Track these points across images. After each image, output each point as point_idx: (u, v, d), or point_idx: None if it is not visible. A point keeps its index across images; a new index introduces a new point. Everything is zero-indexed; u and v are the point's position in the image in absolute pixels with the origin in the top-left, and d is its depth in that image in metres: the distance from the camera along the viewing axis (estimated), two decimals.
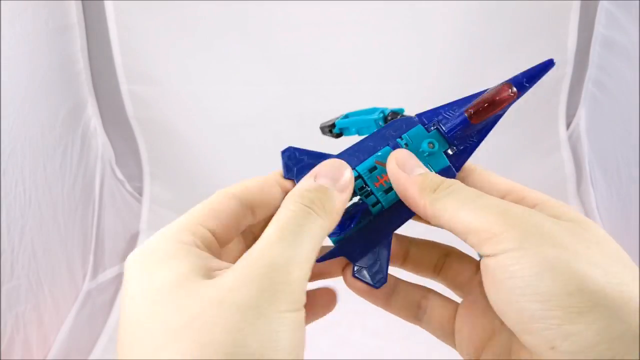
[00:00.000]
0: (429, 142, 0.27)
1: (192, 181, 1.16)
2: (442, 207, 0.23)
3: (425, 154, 0.26)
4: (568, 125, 1.13)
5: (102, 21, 1.00)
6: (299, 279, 0.20)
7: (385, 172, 0.26)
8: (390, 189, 0.26)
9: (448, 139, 0.27)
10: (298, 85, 1.05)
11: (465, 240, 0.22)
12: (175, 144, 1.12)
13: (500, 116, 0.27)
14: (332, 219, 0.23)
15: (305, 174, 0.25)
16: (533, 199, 0.24)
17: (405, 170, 0.25)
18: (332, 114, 1.18)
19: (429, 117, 0.28)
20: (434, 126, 0.27)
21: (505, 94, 0.27)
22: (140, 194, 1.17)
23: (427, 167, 0.26)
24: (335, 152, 0.28)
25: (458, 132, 0.27)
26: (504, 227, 0.21)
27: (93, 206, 1.05)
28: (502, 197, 0.24)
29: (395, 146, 0.27)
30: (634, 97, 0.89)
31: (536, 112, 1.10)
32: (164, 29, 1.00)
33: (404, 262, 0.29)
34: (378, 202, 0.26)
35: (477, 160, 0.26)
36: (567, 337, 0.18)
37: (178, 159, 1.14)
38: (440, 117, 0.27)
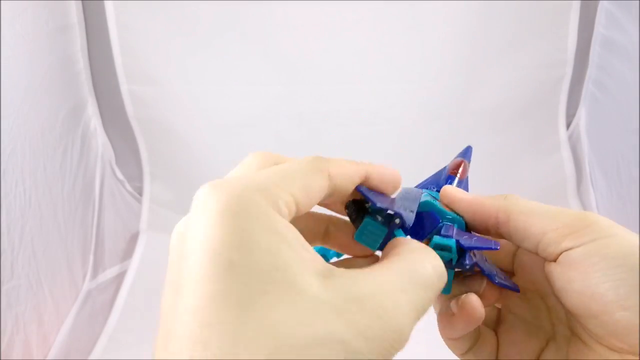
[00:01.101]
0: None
1: (192, 181, 1.16)
2: (519, 208, 0.24)
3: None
4: (568, 125, 1.13)
5: (102, 21, 0.99)
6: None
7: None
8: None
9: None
10: (298, 85, 1.05)
11: (535, 242, 0.23)
12: (175, 144, 1.12)
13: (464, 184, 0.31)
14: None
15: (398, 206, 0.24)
16: None
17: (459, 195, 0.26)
18: (332, 114, 1.19)
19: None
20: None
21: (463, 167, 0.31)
22: (140, 194, 1.17)
23: None
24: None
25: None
26: (581, 224, 0.22)
27: (93, 206, 1.05)
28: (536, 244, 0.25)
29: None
30: (634, 97, 0.89)
31: (536, 112, 1.10)
32: (164, 29, 1.00)
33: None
34: None
35: (478, 160, 0.26)
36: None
37: (178, 159, 1.14)
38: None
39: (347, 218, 0.25)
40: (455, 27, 1.00)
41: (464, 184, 0.30)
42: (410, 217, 0.23)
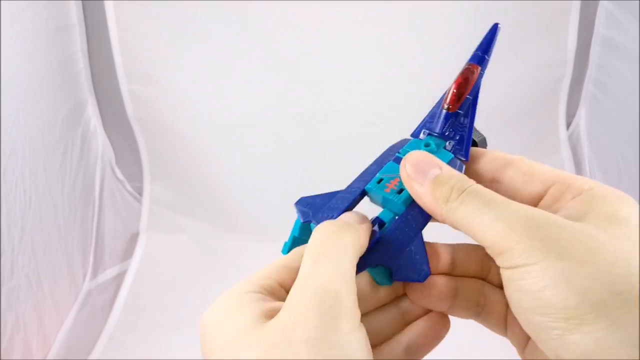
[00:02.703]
0: (425, 144, 0.27)
1: (192, 181, 1.16)
2: (457, 219, 0.23)
3: None
4: (568, 125, 1.13)
5: (102, 21, 0.99)
6: (348, 295, 0.20)
7: (393, 179, 0.26)
8: (402, 189, 0.26)
9: (441, 135, 0.28)
10: (298, 85, 1.05)
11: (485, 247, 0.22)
12: (175, 144, 1.12)
13: (477, 94, 0.28)
14: (363, 230, 0.24)
15: (321, 213, 0.26)
16: (579, 187, 0.23)
17: (420, 175, 0.24)
18: (332, 114, 1.19)
19: (418, 131, 0.29)
20: (424, 133, 0.28)
21: (468, 73, 0.29)
22: (140, 194, 1.17)
23: None
24: (343, 180, 0.28)
25: (447, 126, 0.27)
26: (513, 241, 0.20)
27: (93, 206, 1.05)
28: (547, 189, 0.24)
29: (397, 160, 0.27)
30: (634, 97, 0.89)
31: (536, 112, 1.10)
32: (164, 29, 1.00)
33: (452, 270, 0.27)
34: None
35: None
36: (568, 347, 0.19)
37: (178, 159, 1.14)
38: (426, 125, 0.29)
39: None
40: (455, 27, 1.00)
41: (465, 112, 0.27)
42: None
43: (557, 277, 0.19)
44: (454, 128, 0.27)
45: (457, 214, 0.22)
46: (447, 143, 0.27)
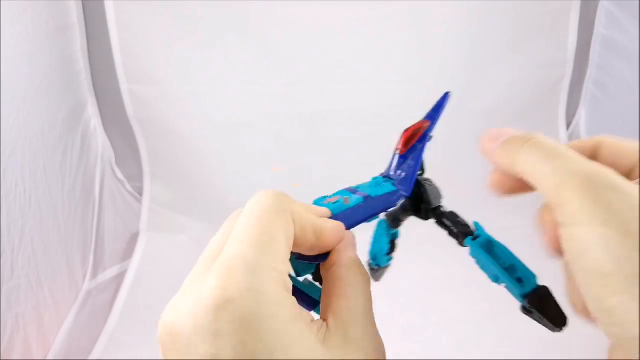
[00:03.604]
0: (376, 181, 0.31)
1: (192, 181, 1.16)
2: (520, 166, 0.23)
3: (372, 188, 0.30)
4: (568, 125, 1.13)
5: (102, 21, 0.99)
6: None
7: (333, 196, 0.28)
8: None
9: (388, 175, 0.32)
10: (298, 85, 1.05)
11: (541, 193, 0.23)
12: (175, 144, 1.12)
13: (424, 142, 0.32)
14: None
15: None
16: None
17: (495, 139, 0.25)
18: (332, 114, 1.19)
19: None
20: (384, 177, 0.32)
21: (418, 125, 0.32)
22: (140, 194, 1.17)
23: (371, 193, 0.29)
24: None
25: (396, 166, 0.31)
26: (566, 197, 0.20)
27: (93, 206, 1.05)
28: (633, 167, 0.25)
29: (349, 189, 0.30)
30: (634, 97, 0.89)
31: (536, 112, 1.10)
32: (164, 29, 1.00)
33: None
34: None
35: (478, 160, 0.26)
36: (605, 311, 0.19)
37: (178, 159, 1.14)
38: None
39: None
40: (455, 27, 1.00)
41: (412, 157, 0.31)
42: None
43: (599, 243, 0.19)
44: (403, 169, 0.31)
45: (520, 161, 0.23)
46: (394, 182, 0.31)
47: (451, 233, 0.29)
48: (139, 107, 1.08)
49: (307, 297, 0.26)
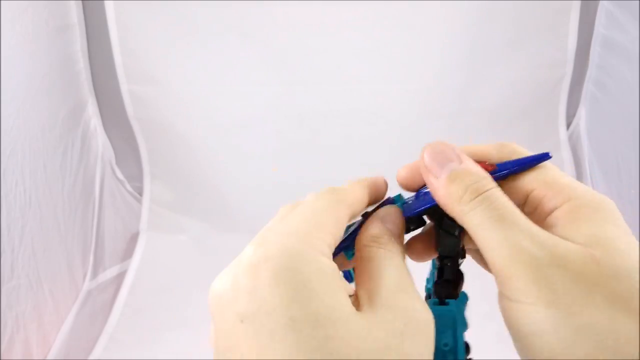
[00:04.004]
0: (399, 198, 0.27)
1: (192, 181, 1.16)
2: (467, 223, 0.21)
3: None
4: (568, 125, 1.13)
5: (102, 21, 0.99)
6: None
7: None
8: None
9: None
10: (298, 85, 1.05)
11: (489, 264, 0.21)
12: (175, 144, 1.12)
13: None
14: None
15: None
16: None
17: (437, 166, 0.23)
18: (332, 114, 1.19)
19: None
20: None
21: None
22: (140, 194, 1.17)
23: None
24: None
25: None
26: (513, 274, 0.20)
27: (93, 206, 1.05)
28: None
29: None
30: (634, 97, 0.89)
31: (536, 112, 1.10)
32: (164, 29, 1.00)
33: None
34: None
35: None
36: None
37: (178, 159, 1.14)
38: None
39: None
40: (455, 27, 1.00)
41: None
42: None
43: (545, 324, 0.19)
44: (418, 196, 0.26)
45: (468, 218, 0.21)
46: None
47: (434, 285, 0.26)
48: (139, 107, 1.08)
49: None
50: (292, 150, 1.11)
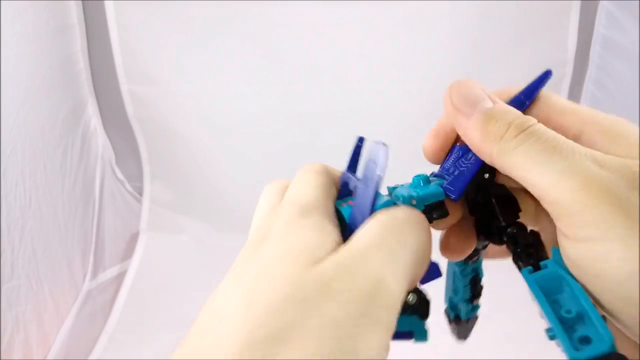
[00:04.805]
0: (418, 179, 0.23)
1: (192, 181, 1.16)
2: (512, 162, 0.18)
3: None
4: None
5: (102, 21, 0.99)
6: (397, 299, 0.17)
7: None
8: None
9: (439, 174, 0.24)
10: (298, 85, 1.05)
11: (544, 202, 0.18)
12: (175, 144, 1.12)
13: None
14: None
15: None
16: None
17: (468, 106, 0.20)
18: (332, 114, 1.18)
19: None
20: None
21: None
22: (140, 194, 1.17)
23: (414, 193, 0.21)
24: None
25: (452, 162, 0.24)
26: (587, 205, 0.16)
27: (93, 206, 1.05)
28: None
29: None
30: (634, 97, 0.89)
31: None
32: (164, 29, 1.00)
33: None
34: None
35: None
36: None
37: (178, 159, 1.14)
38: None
39: None
40: (455, 27, 1.00)
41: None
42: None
43: (634, 263, 0.15)
44: (457, 165, 0.23)
45: (513, 156, 0.18)
46: (446, 180, 0.23)
47: (514, 257, 0.21)
48: (139, 107, 1.08)
49: None
50: (292, 149, 1.11)
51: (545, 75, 0.24)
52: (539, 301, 0.19)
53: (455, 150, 0.23)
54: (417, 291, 0.20)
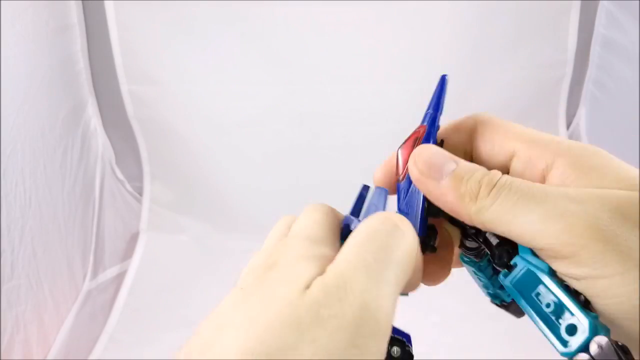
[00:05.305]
0: None
1: (192, 181, 1.16)
2: (493, 218, 0.19)
3: None
4: (568, 126, 1.13)
5: (102, 21, 0.99)
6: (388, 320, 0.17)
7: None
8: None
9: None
10: (298, 85, 1.05)
11: (534, 249, 0.19)
12: (175, 144, 1.12)
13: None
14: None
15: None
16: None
17: (435, 171, 0.21)
18: (332, 114, 1.19)
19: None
20: None
21: (413, 140, 0.25)
22: (140, 194, 1.17)
23: None
24: None
25: (403, 199, 0.24)
26: (578, 245, 0.17)
27: (93, 206, 1.05)
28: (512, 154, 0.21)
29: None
30: (634, 97, 0.89)
31: (536, 112, 1.10)
32: (164, 29, 1.00)
33: None
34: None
35: None
36: None
37: (178, 159, 1.14)
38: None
39: None
40: (456, 27, 1.00)
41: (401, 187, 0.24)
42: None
43: (631, 294, 0.16)
44: (409, 204, 0.23)
45: (492, 213, 0.19)
46: None
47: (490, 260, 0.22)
48: (139, 107, 1.08)
49: None
50: (292, 149, 1.11)
51: (443, 81, 0.24)
52: (520, 305, 0.19)
53: (400, 188, 0.24)
54: (401, 343, 0.20)
